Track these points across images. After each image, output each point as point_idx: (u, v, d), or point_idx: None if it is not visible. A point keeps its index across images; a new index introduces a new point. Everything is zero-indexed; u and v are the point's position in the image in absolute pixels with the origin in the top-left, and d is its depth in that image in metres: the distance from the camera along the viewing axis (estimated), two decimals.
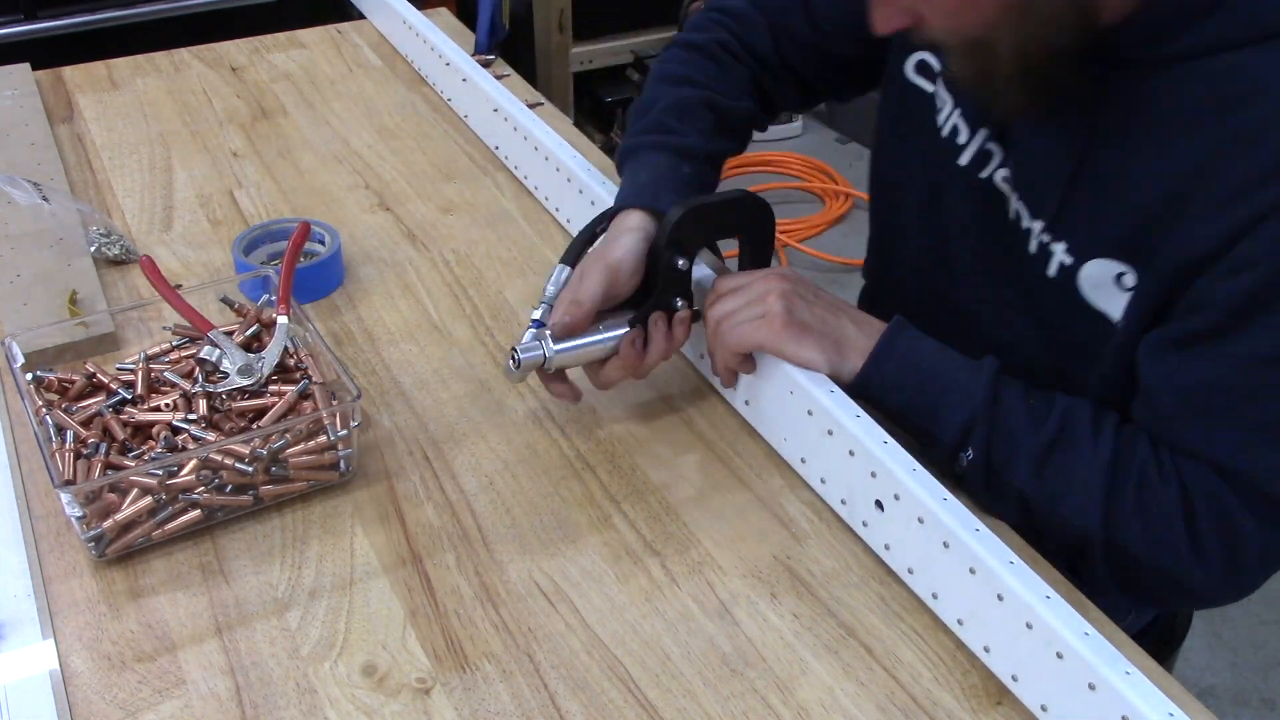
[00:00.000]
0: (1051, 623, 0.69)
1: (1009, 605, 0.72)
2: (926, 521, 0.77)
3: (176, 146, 1.36)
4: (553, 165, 1.19)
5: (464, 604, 0.80)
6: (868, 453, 0.81)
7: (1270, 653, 1.91)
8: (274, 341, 0.93)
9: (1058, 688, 0.70)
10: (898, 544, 0.81)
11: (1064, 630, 0.68)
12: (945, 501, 0.77)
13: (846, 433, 0.83)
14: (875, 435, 0.82)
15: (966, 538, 0.74)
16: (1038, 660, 0.70)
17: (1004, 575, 0.72)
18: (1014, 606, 0.71)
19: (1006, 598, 0.72)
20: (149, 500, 0.81)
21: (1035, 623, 0.70)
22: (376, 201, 1.26)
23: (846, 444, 0.83)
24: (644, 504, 0.88)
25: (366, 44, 1.62)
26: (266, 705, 0.73)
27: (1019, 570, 0.72)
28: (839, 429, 0.84)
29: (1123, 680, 0.66)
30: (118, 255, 1.14)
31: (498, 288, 1.12)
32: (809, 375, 0.87)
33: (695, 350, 1.01)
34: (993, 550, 0.73)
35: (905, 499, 0.79)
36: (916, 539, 0.78)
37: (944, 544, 0.76)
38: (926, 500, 0.77)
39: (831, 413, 0.84)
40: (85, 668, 0.76)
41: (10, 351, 0.91)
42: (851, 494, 0.84)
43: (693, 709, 0.73)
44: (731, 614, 0.80)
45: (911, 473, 0.79)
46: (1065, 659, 0.68)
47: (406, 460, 0.92)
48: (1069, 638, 0.68)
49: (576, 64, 3.08)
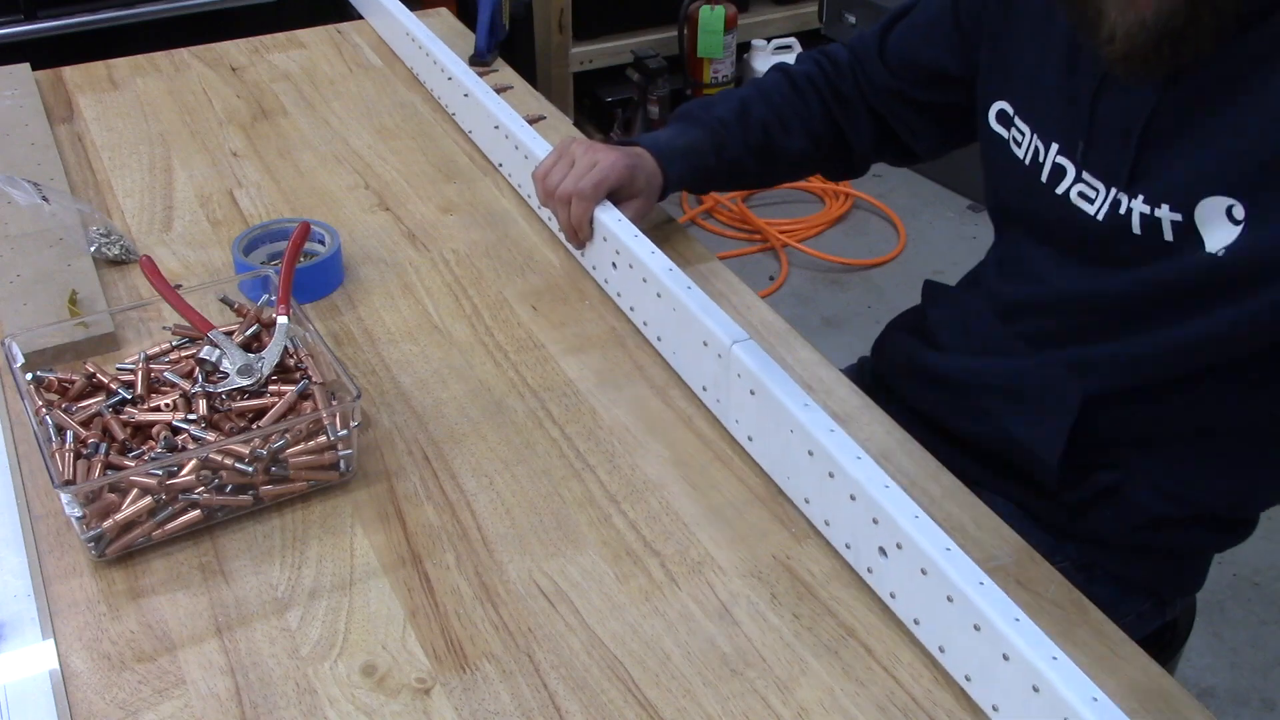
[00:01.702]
0: (1059, 687, 0.66)
1: (1014, 664, 0.69)
2: (930, 573, 0.74)
3: (176, 146, 1.36)
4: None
5: (464, 604, 0.80)
6: (869, 498, 0.78)
7: (1270, 653, 1.90)
8: (274, 341, 0.93)
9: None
10: (903, 593, 0.78)
11: (1069, 694, 0.66)
12: (949, 552, 0.74)
13: (847, 476, 0.80)
14: (877, 479, 0.79)
15: (970, 591, 0.71)
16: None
17: (1009, 633, 0.69)
18: (1019, 666, 0.69)
19: (1012, 657, 0.69)
20: (149, 500, 0.81)
21: (1041, 686, 0.67)
22: (376, 201, 1.26)
23: (848, 488, 0.80)
24: (644, 504, 0.88)
25: (366, 44, 1.62)
26: (266, 705, 0.73)
27: (1025, 628, 0.69)
28: (839, 472, 0.81)
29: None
30: (118, 255, 1.14)
31: (498, 288, 1.12)
32: (809, 416, 0.84)
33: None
34: (999, 606, 0.71)
35: (908, 549, 0.76)
36: (920, 589, 0.76)
37: (948, 598, 0.73)
38: (929, 550, 0.74)
39: (832, 455, 0.81)
40: (85, 668, 0.76)
41: (10, 351, 0.91)
42: (855, 539, 0.82)
43: (693, 709, 0.73)
44: (731, 614, 0.80)
45: (914, 520, 0.76)
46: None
47: (406, 460, 0.92)
48: (1075, 702, 0.66)
49: (576, 64, 3.08)
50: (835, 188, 3.16)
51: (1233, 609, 1.96)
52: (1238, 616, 1.95)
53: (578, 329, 1.07)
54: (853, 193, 3.13)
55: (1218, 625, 1.94)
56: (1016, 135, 1.00)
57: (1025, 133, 0.99)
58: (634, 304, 1.06)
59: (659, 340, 1.03)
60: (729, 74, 3.19)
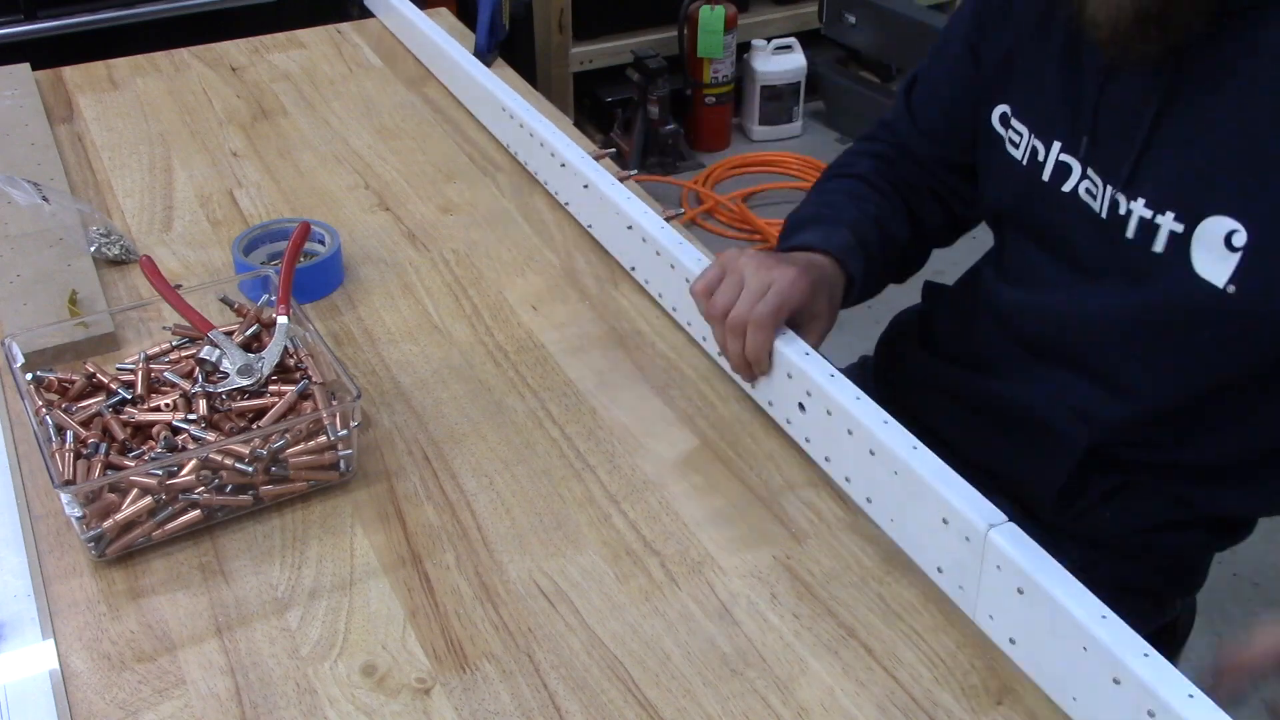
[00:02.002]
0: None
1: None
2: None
3: (176, 146, 1.36)
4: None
5: (464, 604, 0.80)
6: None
7: None
8: (274, 342, 0.92)
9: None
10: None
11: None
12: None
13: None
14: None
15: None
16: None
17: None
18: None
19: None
20: (149, 500, 0.81)
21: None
22: (376, 201, 1.26)
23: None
24: (644, 504, 0.88)
25: (366, 44, 1.62)
26: (266, 705, 0.73)
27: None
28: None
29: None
30: (118, 255, 1.14)
31: (498, 288, 1.12)
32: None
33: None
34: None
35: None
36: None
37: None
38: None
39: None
40: (85, 668, 0.76)
41: (10, 351, 0.91)
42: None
43: (693, 709, 0.73)
44: (731, 614, 0.80)
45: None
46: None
47: (406, 460, 0.92)
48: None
49: (576, 64, 3.08)
50: None
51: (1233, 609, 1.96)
52: (1238, 616, 1.95)
53: (578, 329, 1.07)
54: None
55: (1218, 625, 1.94)
56: (1014, 136, 0.99)
57: (1023, 134, 0.98)
58: (830, 454, 0.88)
59: (869, 502, 0.85)
60: (729, 74, 3.19)
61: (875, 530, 0.86)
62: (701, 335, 1.02)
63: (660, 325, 1.07)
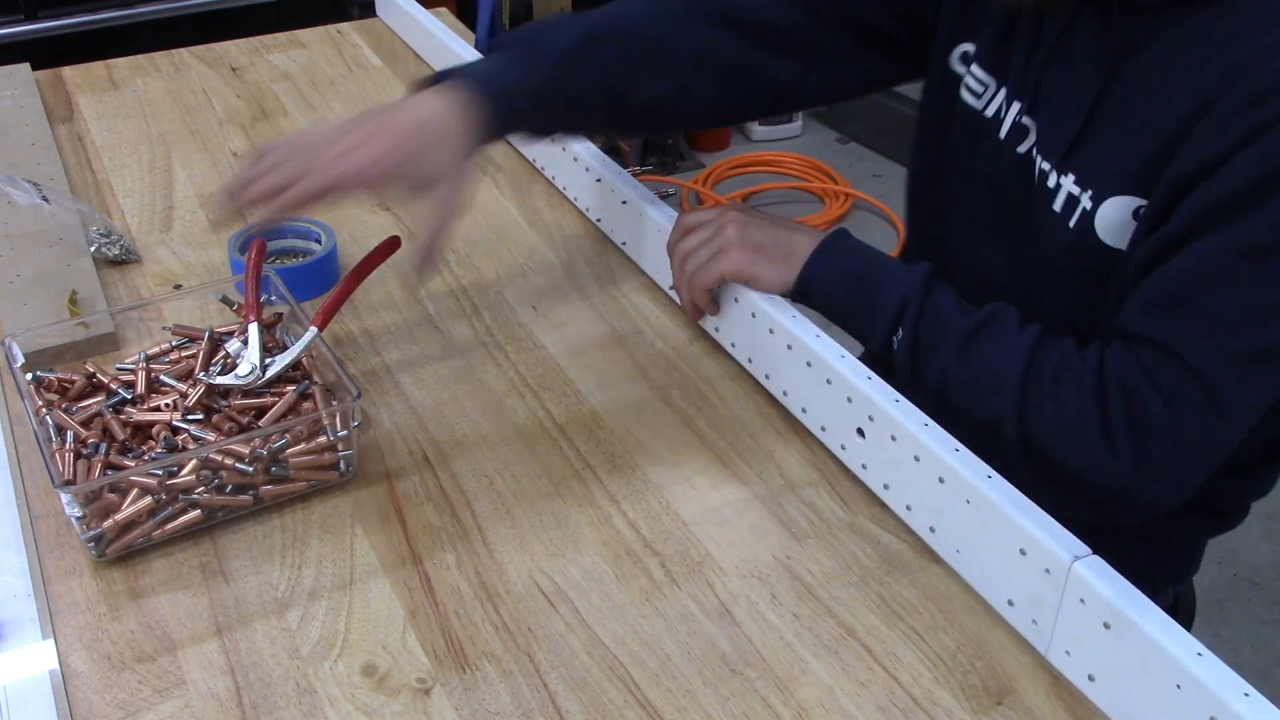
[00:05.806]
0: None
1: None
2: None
3: (176, 146, 1.36)
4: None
5: (464, 604, 0.80)
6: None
7: (1270, 653, 1.91)
8: (292, 349, 0.92)
9: None
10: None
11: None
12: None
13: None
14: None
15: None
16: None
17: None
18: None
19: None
20: (149, 500, 0.81)
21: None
22: (376, 201, 1.26)
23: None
24: (644, 504, 0.88)
25: (366, 44, 1.62)
26: (266, 705, 0.73)
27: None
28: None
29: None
30: (118, 255, 1.14)
31: (498, 288, 1.12)
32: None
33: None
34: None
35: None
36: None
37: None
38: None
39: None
40: (85, 668, 0.76)
41: (10, 351, 0.91)
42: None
43: (693, 709, 0.73)
44: (731, 614, 0.80)
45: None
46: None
47: (406, 460, 0.92)
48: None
49: None
50: (835, 188, 3.16)
51: (1233, 609, 1.96)
52: (1238, 616, 1.95)
53: (578, 329, 1.07)
54: (852, 193, 3.13)
55: (1218, 625, 1.94)
56: (973, 84, 0.97)
57: (988, 84, 0.96)
58: (890, 480, 0.86)
59: (932, 531, 0.83)
60: None
61: (877, 532, 0.86)
62: (713, 326, 1.02)
63: (660, 325, 1.07)
